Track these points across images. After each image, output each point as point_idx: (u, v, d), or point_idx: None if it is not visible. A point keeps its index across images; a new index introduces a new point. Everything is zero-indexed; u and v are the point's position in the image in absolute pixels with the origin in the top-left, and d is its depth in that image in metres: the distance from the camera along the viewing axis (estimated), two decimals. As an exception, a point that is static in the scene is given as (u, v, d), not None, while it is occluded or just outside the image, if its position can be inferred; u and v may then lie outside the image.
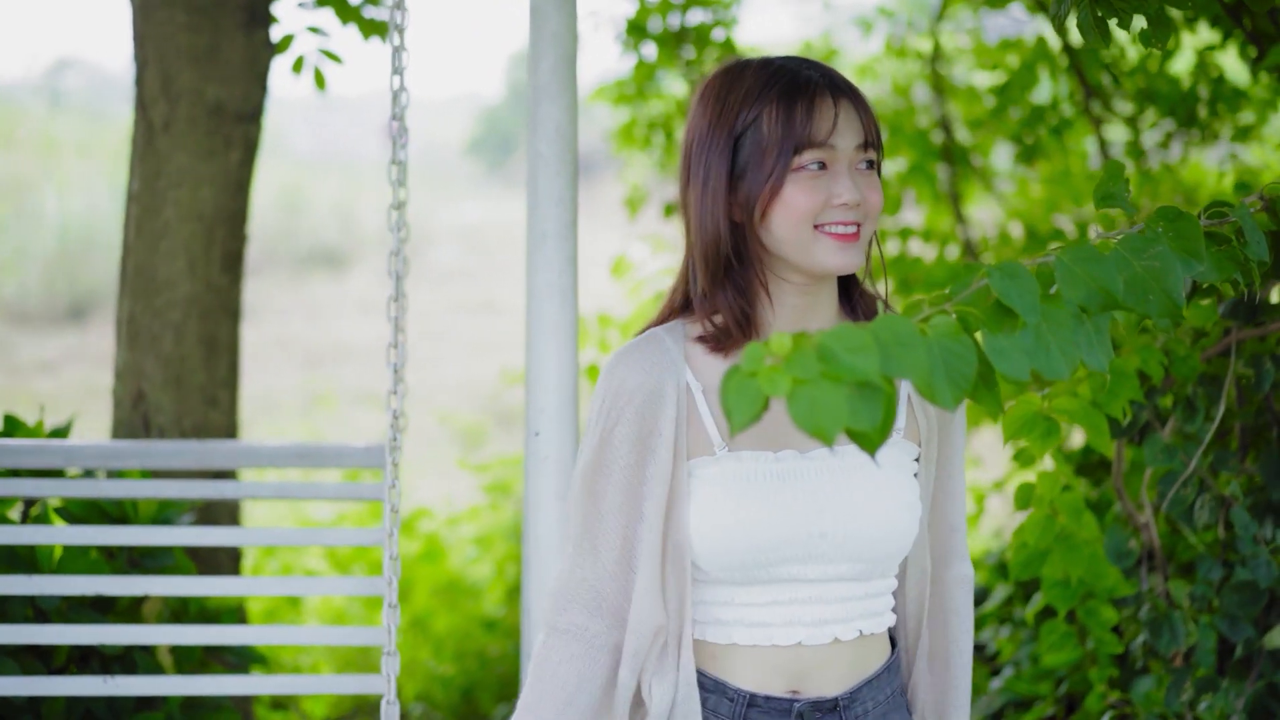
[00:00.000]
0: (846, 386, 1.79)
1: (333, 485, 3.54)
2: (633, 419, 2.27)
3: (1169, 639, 3.32)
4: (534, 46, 3.03)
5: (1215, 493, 3.24)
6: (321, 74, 4.71)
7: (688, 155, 2.33)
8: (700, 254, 2.30)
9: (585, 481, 2.30)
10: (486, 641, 5.68)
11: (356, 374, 12.59)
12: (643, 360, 2.30)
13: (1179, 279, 2.11)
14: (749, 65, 2.32)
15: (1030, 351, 2.02)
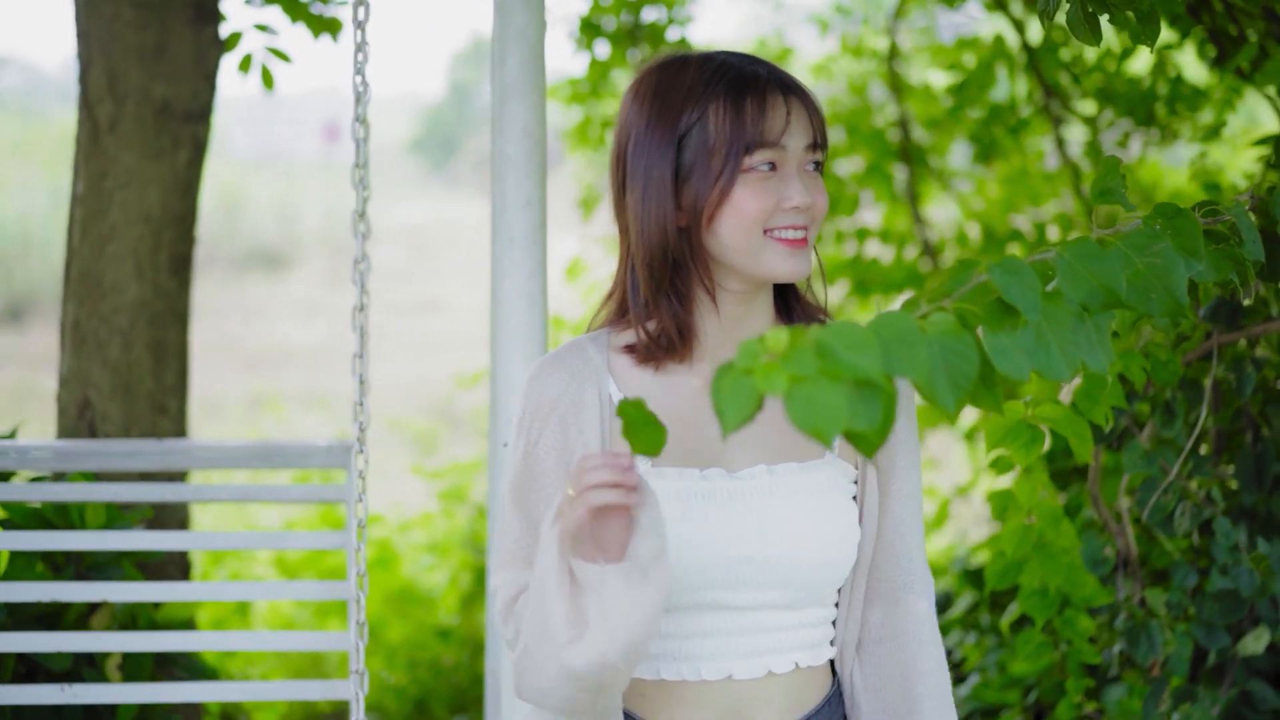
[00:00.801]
0: (846, 385, 1.72)
1: (297, 488, 3.45)
2: (556, 430, 2.17)
3: (1147, 648, 3.26)
4: (499, 43, 2.94)
5: (1196, 500, 3.18)
6: (270, 73, 4.60)
7: (622, 156, 2.20)
8: (643, 260, 2.16)
9: (514, 496, 2.19)
10: (440, 651, 5.57)
11: (299, 376, 12.46)
12: (563, 369, 2.20)
13: (1182, 277, 2.04)
14: (689, 60, 2.19)
15: (1031, 351, 1.95)
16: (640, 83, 2.21)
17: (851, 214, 6.05)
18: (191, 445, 3.59)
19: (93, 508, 3.58)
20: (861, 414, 1.74)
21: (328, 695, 3.27)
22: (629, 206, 2.18)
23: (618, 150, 2.21)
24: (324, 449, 3.41)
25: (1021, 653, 3.40)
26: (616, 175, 2.22)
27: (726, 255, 2.15)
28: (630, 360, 2.20)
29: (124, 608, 3.68)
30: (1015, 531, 3.22)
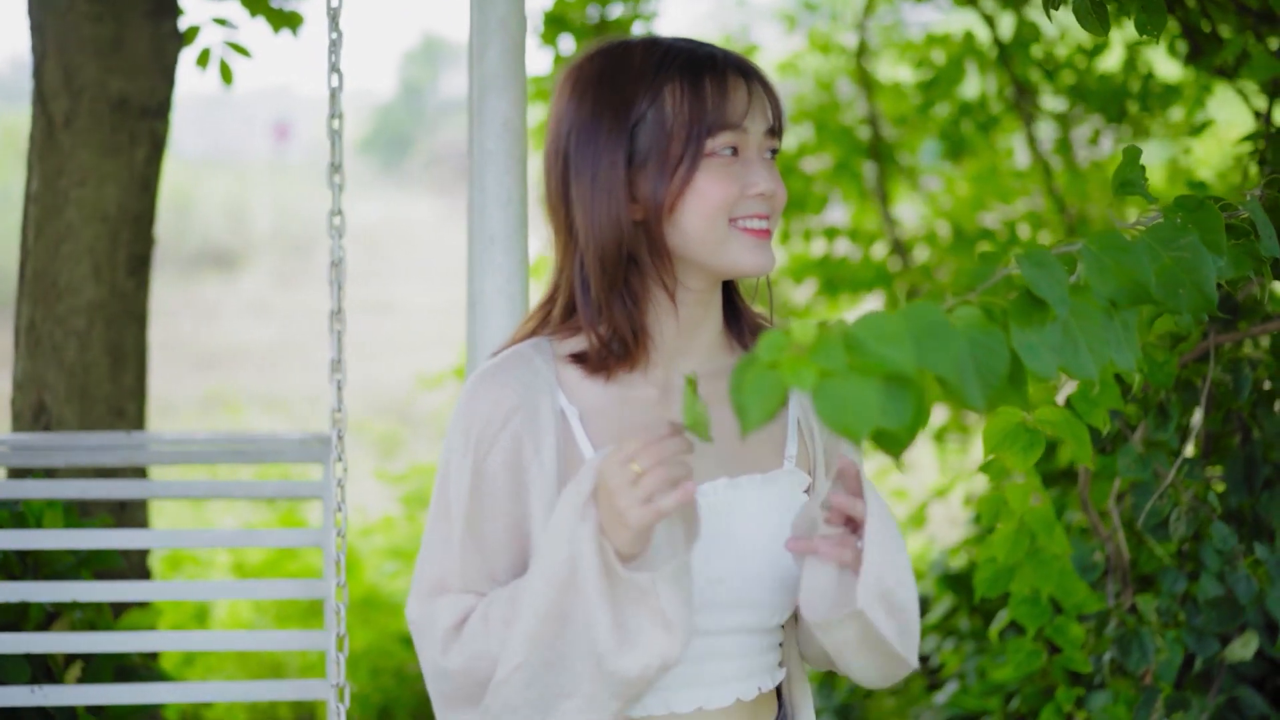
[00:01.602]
0: (877, 380, 1.62)
1: (273, 484, 3.33)
2: (508, 445, 1.98)
3: (1139, 656, 3.19)
4: (479, 35, 2.82)
5: (1191, 505, 3.11)
6: (228, 68, 4.48)
7: (563, 150, 2.01)
8: (595, 259, 1.99)
9: (461, 517, 2.00)
10: (405, 658, 5.46)
11: (252, 377, 12.33)
12: (512, 380, 2.01)
13: (1211, 271, 1.96)
14: (632, 45, 2.04)
15: (1058, 348, 1.86)
16: (578, 70, 2.05)
17: (820, 212, 5.97)
18: (160, 438, 3.47)
19: (50, 512, 3.46)
20: (891, 411, 1.64)
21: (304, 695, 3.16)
22: (575, 202, 2.01)
23: (556, 143, 2.03)
24: (298, 442, 3.29)
25: (1012, 661, 3.32)
26: (555, 170, 2.04)
27: (688, 249, 2.00)
28: (580, 371, 2.04)
29: (84, 617, 3.55)
30: (1007, 537, 3.14)
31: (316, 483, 3.22)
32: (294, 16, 4.63)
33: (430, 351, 9.98)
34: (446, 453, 2.05)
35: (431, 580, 2.02)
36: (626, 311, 2.01)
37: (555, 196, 2.05)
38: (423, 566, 2.03)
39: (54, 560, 3.47)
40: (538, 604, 1.88)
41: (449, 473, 2.02)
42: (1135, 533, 3.44)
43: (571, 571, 1.85)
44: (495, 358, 2.06)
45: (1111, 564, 3.34)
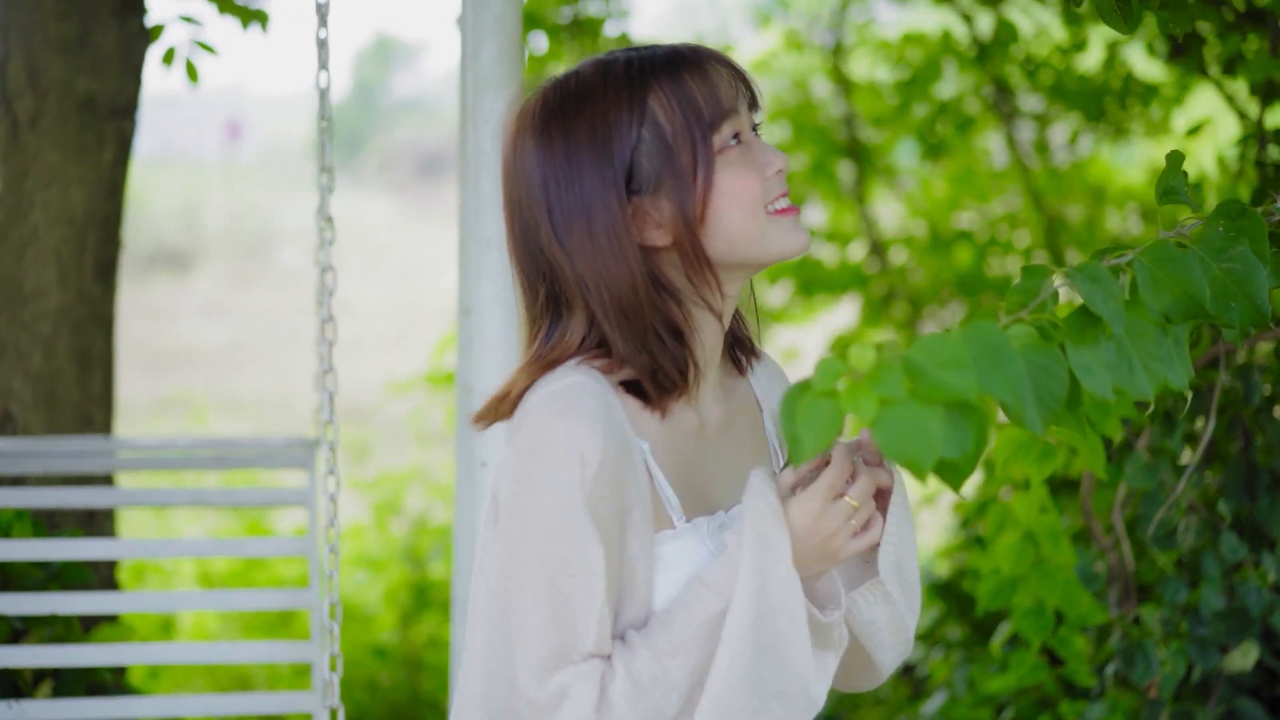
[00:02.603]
0: (938, 408, 1.53)
1: (258, 491, 3.22)
2: (614, 488, 1.80)
3: (1143, 668, 3.12)
4: (473, 33, 2.72)
5: (1203, 515, 3.04)
6: (194, 67, 4.35)
7: (543, 204, 1.84)
8: (615, 308, 1.83)
9: (591, 575, 1.78)
10: (377, 670, 5.35)
11: (207, 380, 12.18)
12: (600, 414, 1.80)
13: (1263, 282, 1.88)
14: (582, 72, 1.87)
15: (1112, 367, 1.78)
16: (531, 115, 1.88)
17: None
18: (136, 444, 3.35)
19: (19, 525, 3.34)
20: (953, 440, 1.56)
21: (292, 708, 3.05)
22: (573, 254, 1.83)
23: (531, 198, 1.86)
24: (283, 447, 3.18)
25: (1015, 673, 3.26)
26: (538, 226, 1.86)
27: (733, 251, 1.86)
28: (638, 402, 1.88)
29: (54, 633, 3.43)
30: (1011, 548, 3.07)
31: (301, 490, 3.11)
32: (261, 14, 4.52)
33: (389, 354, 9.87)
34: (535, 501, 1.80)
35: (550, 653, 1.78)
36: (668, 349, 1.86)
37: (544, 254, 1.86)
38: (535, 638, 1.78)
39: (23, 574, 3.35)
40: (733, 656, 1.76)
41: (552, 527, 1.79)
42: (1136, 541, 3.38)
43: (770, 615, 1.77)
44: (559, 391, 1.82)
45: (1114, 574, 3.27)
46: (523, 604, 1.79)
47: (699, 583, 1.81)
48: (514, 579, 1.81)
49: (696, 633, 1.79)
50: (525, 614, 1.79)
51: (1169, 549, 3.14)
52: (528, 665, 1.78)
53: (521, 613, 1.79)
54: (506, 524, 1.82)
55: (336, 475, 2.78)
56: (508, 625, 1.82)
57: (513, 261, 1.93)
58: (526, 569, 1.79)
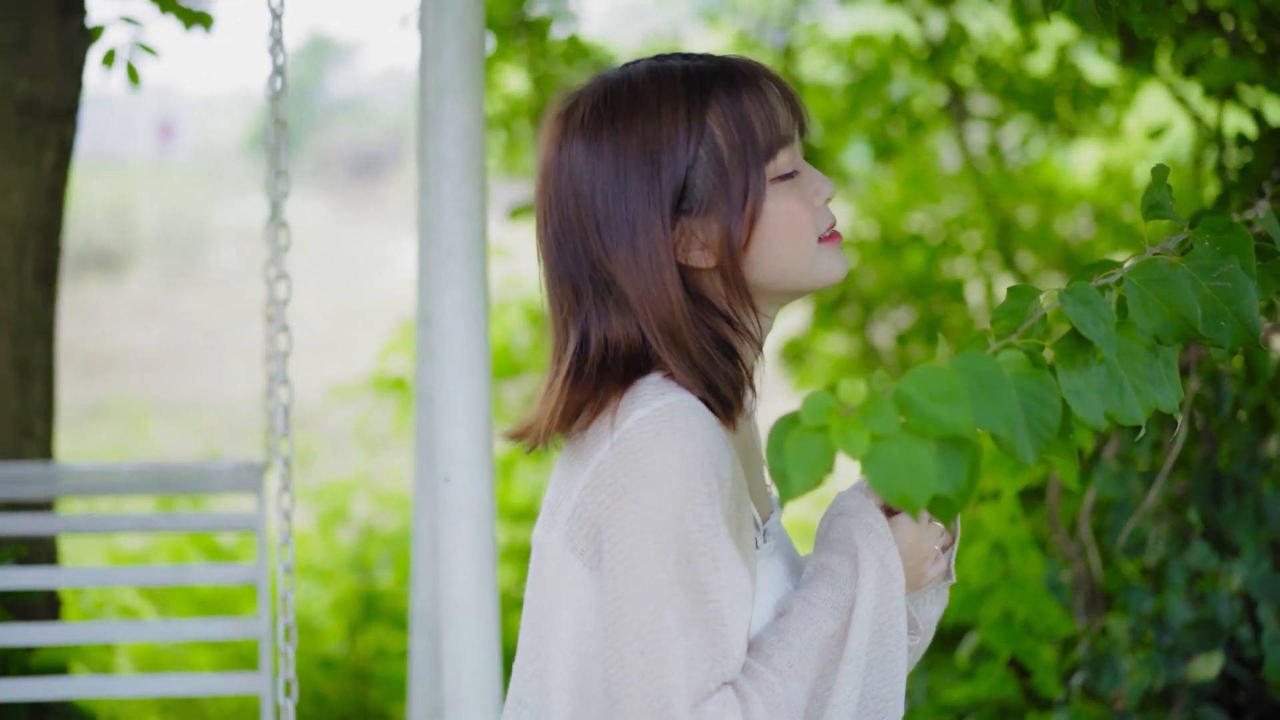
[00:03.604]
0: (931, 442, 1.48)
1: (206, 516, 3.13)
2: (737, 505, 1.75)
3: (1110, 679, 3.09)
4: (433, 34, 2.65)
5: (1172, 523, 3.02)
6: (135, 69, 4.26)
7: (592, 212, 1.79)
8: (659, 328, 1.77)
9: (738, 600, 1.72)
10: (323, 683, 5.25)
11: (140, 382, 12.01)
12: (716, 429, 1.74)
13: (1253, 300, 1.84)
14: (634, 77, 1.81)
15: (1103, 391, 1.73)
16: (577, 119, 1.82)
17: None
18: (78, 469, 3.25)
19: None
20: (947, 475, 1.50)
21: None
22: (618, 270, 1.78)
23: (579, 204, 1.80)
24: (230, 472, 3.10)
25: (983, 685, 3.22)
26: (586, 234, 1.80)
27: (779, 279, 1.82)
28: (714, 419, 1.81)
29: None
30: (980, 559, 3.04)
31: (250, 514, 3.04)
32: (204, 16, 4.43)
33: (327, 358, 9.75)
34: (672, 526, 1.70)
35: (701, 684, 1.70)
36: (720, 368, 1.79)
37: (596, 263, 1.80)
38: (684, 668, 1.70)
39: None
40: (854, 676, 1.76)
41: (696, 550, 1.70)
42: (1101, 550, 3.36)
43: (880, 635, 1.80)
44: (672, 412, 1.73)
45: (1079, 583, 3.25)
46: (666, 633, 1.70)
47: (807, 604, 1.79)
48: (647, 610, 1.70)
49: (812, 654, 1.77)
50: (671, 643, 1.69)
51: (1135, 557, 3.12)
52: (679, 695, 1.69)
53: (665, 642, 1.69)
54: (632, 554, 1.71)
55: (291, 491, 2.70)
56: (643, 660, 1.70)
57: (545, 261, 1.86)
58: (666, 597, 1.70)
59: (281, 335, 2.74)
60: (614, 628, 1.72)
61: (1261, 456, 3.11)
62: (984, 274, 5.95)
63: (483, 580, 2.59)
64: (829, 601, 1.78)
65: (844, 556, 1.79)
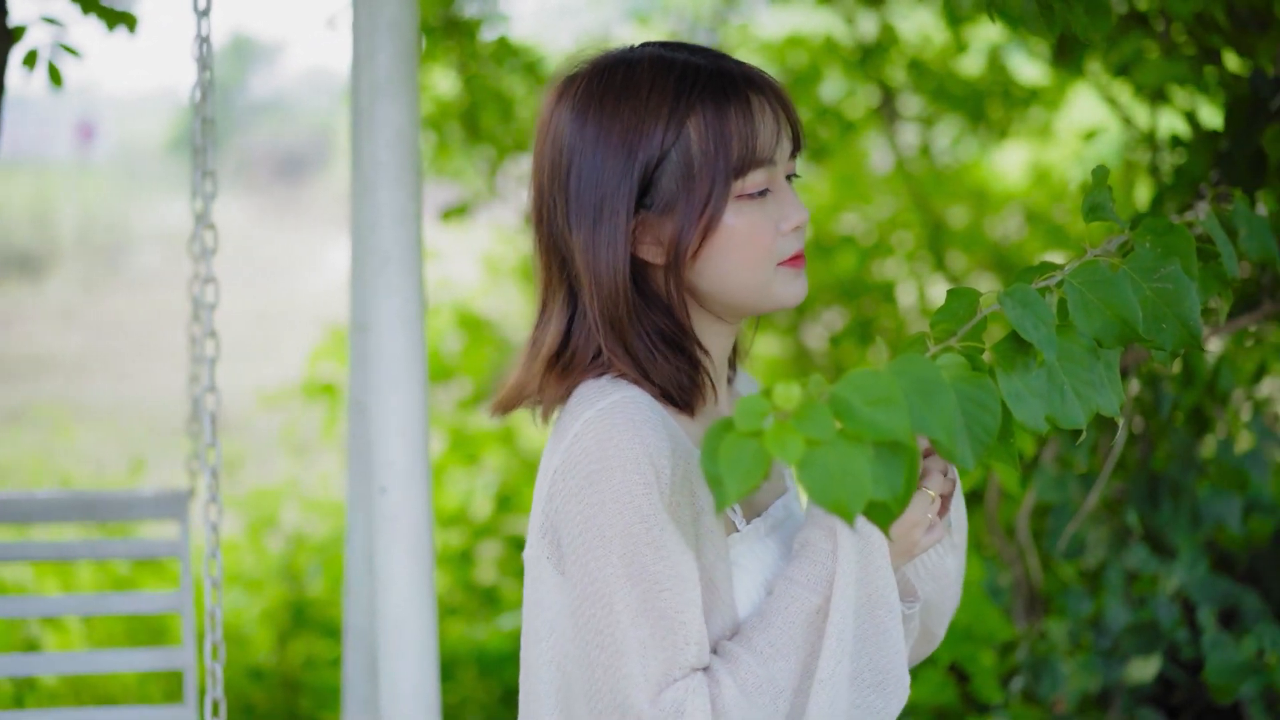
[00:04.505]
0: (867, 447, 1.45)
1: (128, 543, 3.06)
2: (688, 496, 1.76)
3: (1050, 683, 3.09)
4: (366, 36, 2.60)
5: (1111, 526, 3.01)
6: (57, 70, 4.17)
7: (563, 180, 1.83)
8: (601, 314, 1.82)
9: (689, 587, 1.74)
10: (253, 693, 5.17)
11: (60, 387, 11.85)
12: (659, 422, 1.77)
13: (1195, 302, 1.83)
14: (634, 63, 1.83)
15: (1044, 395, 1.72)
16: (573, 90, 1.84)
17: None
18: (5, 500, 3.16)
19: None
20: (884, 480, 1.48)
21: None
22: (575, 245, 1.83)
23: (555, 167, 1.84)
24: (153, 500, 3.03)
25: (923, 691, 3.21)
26: (553, 198, 1.84)
27: (728, 293, 1.83)
28: (673, 410, 1.85)
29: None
30: (919, 564, 3.02)
31: (173, 542, 2.98)
32: (128, 16, 4.34)
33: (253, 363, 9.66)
34: (614, 521, 1.73)
35: (658, 671, 1.72)
36: (667, 361, 1.82)
37: (551, 229, 1.86)
38: (639, 658, 1.73)
39: None
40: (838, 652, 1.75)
41: (638, 543, 1.73)
42: (1040, 553, 3.35)
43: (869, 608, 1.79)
44: (613, 409, 1.77)
45: (1018, 587, 3.24)
46: (618, 626, 1.73)
47: (789, 582, 1.79)
48: (600, 605, 1.74)
49: (795, 633, 1.76)
50: (624, 636, 1.73)
51: (1074, 560, 3.11)
52: (636, 686, 1.72)
53: (619, 635, 1.73)
54: (582, 552, 1.75)
55: (218, 502, 2.64)
56: (602, 654, 1.74)
57: (533, 224, 1.90)
58: (616, 591, 1.73)
59: (209, 340, 2.69)
60: (577, 628, 1.76)
61: (1197, 458, 3.12)
62: (915, 275, 5.95)
63: (420, 593, 2.54)
64: (810, 577, 1.78)
65: (824, 530, 1.79)
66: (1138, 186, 4.19)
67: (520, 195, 5.74)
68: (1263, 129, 2.71)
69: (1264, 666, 2.91)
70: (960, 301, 1.74)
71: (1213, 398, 3.09)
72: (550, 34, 6.58)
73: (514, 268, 6.41)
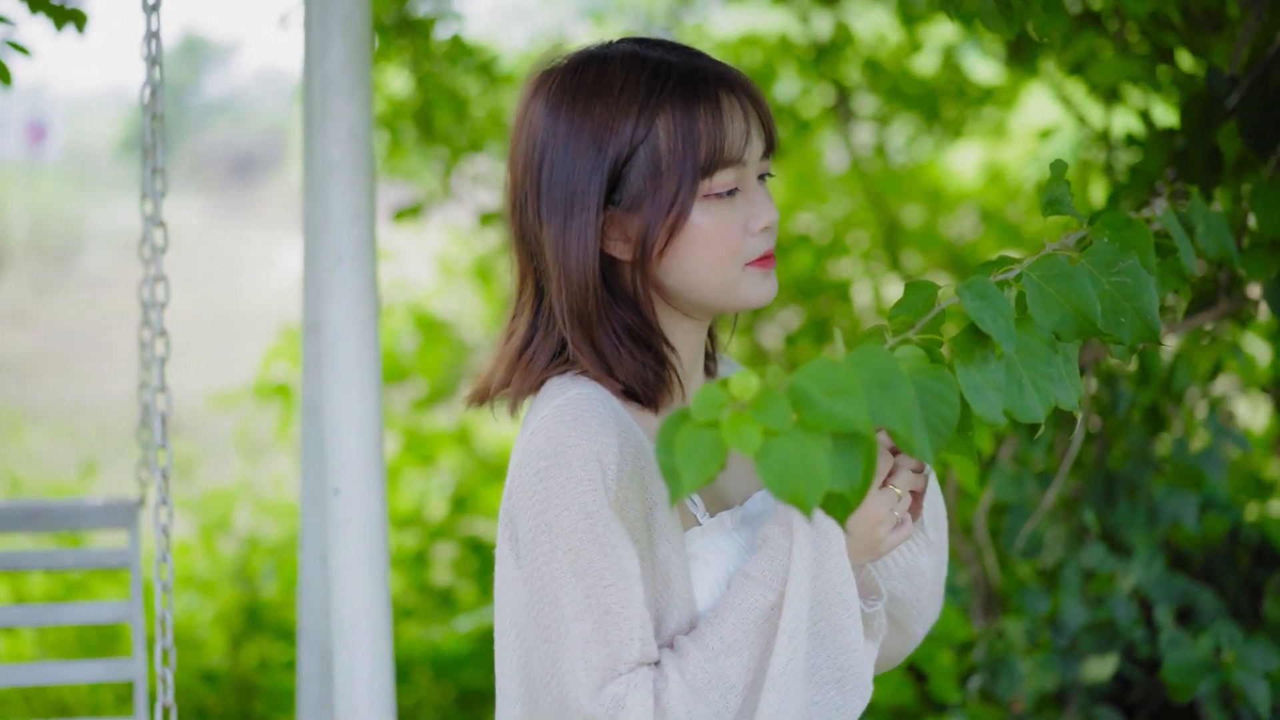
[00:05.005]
0: (825, 438, 1.44)
1: (77, 553, 3.02)
2: (638, 493, 1.77)
3: (1007, 682, 3.08)
4: (318, 31, 2.57)
5: (1068, 525, 3.01)
6: (6, 69, 4.12)
7: (535, 175, 1.84)
8: (569, 310, 1.83)
9: (629, 583, 1.74)
10: (206, 697, 5.13)
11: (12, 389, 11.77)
12: (610, 418, 1.78)
13: (1153, 297, 1.82)
14: (608, 59, 1.84)
15: (1002, 388, 1.71)
16: (548, 85, 1.85)
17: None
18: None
19: None
20: (841, 472, 1.47)
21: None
22: (545, 239, 1.84)
23: (528, 160, 1.85)
24: (102, 509, 2.98)
25: (880, 691, 3.20)
26: (526, 191, 1.85)
27: (695, 292, 1.84)
28: (634, 406, 1.86)
29: None
30: (876, 562, 3.01)
31: (122, 550, 2.93)
32: (78, 14, 4.29)
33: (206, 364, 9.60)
34: (561, 516, 1.75)
35: (600, 666, 1.73)
36: (634, 357, 1.84)
37: (523, 223, 1.87)
38: (580, 652, 1.74)
39: None
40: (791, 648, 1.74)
41: (581, 538, 1.74)
42: (997, 552, 3.35)
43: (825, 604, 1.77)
44: (566, 404, 1.79)
45: (976, 586, 3.24)
46: (562, 621, 1.75)
47: (744, 578, 1.78)
48: (548, 599, 1.76)
49: (749, 628, 1.76)
50: (567, 630, 1.75)
51: (1032, 559, 3.11)
52: (578, 680, 1.74)
53: (563, 630, 1.75)
54: (532, 547, 1.77)
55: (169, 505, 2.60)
56: (549, 648, 1.76)
57: (508, 222, 1.92)
58: (561, 586, 1.75)
59: (159, 340, 2.65)
60: (529, 622, 1.78)
61: (1153, 457, 3.12)
62: (871, 274, 5.95)
63: (375, 595, 2.51)
64: (766, 573, 1.77)
65: (782, 526, 1.79)
66: (1093, 185, 4.19)
67: (475, 195, 5.71)
68: (1218, 127, 2.71)
69: (1220, 664, 2.92)
70: (918, 294, 1.73)
71: (1168, 396, 3.10)
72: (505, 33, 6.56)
73: (468, 268, 6.38)
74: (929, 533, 1.95)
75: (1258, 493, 3.90)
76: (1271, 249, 2.58)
